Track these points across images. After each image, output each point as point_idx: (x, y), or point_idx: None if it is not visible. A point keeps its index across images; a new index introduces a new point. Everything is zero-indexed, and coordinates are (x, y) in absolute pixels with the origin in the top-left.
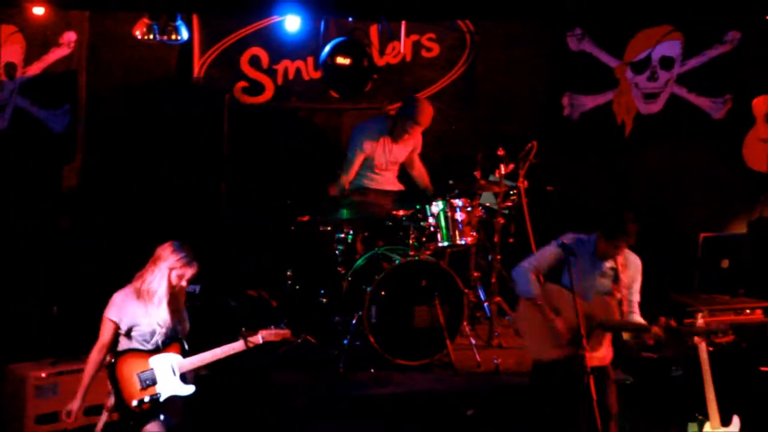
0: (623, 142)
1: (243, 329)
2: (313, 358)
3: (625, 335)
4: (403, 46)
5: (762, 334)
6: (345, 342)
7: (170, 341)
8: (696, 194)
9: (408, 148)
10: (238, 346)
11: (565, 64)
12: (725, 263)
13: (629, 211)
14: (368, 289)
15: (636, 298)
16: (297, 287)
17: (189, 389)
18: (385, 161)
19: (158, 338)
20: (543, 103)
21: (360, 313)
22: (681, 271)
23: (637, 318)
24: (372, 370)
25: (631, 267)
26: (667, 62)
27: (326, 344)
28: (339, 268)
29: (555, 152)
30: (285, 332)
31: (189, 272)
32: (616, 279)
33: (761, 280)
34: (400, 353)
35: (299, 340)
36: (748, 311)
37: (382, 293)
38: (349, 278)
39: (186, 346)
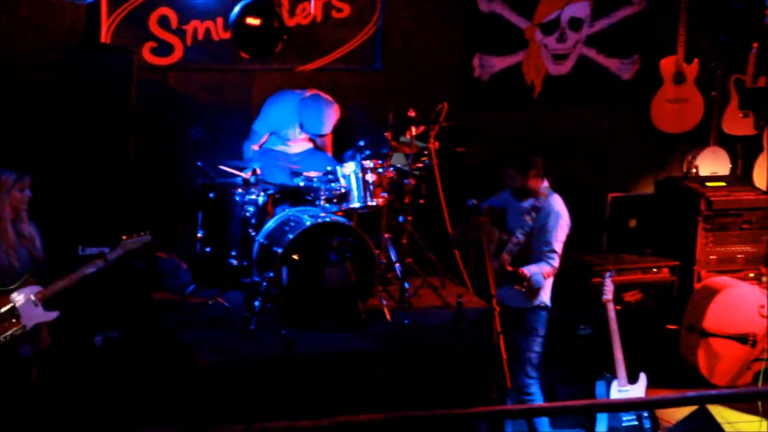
0: (533, 103)
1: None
2: (224, 319)
3: None
4: (313, 6)
5: (668, 293)
6: (256, 304)
7: (25, 272)
8: (604, 154)
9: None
10: (98, 263)
11: (475, 26)
12: (633, 223)
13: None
14: (279, 250)
15: (546, 246)
16: (208, 249)
17: (52, 315)
18: (295, 137)
19: (14, 270)
20: (453, 65)
21: (271, 274)
22: (590, 231)
23: (538, 267)
24: (283, 332)
25: (543, 213)
26: (576, 23)
27: (237, 306)
28: (250, 230)
29: (466, 113)
30: (146, 238)
31: (26, 191)
32: (522, 220)
33: (668, 240)
34: (311, 314)
35: (209, 302)
36: (654, 270)
37: (293, 255)
38: (260, 240)
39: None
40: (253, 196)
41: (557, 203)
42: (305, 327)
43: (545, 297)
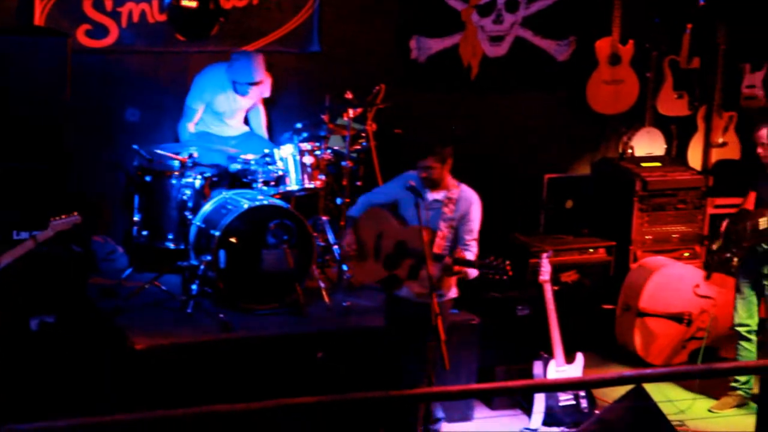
0: (469, 85)
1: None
2: (161, 304)
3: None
4: None
5: (605, 273)
6: (193, 287)
7: None
8: (541, 136)
9: (255, 95)
10: (27, 244)
11: (411, 7)
12: (569, 204)
13: (442, 139)
14: (216, 234)
15: (470, 235)
16: (144, 233)
17: None
18: (229, 109)
19: None
20: (390, 47)
21: (208, 258)
22: (527, 213)
23: (468, 255)
24: (221, 315)
25: (462, 202)
26: (512, 5)
27: (174, 290)
28: (187, 214)
29: (403, 95)
30: (75, 219)
31: None
32: (438, 212)
33: (604, 220)
34: (249, 297)
35: (146, 286)
36: (591, 250)
37: (231, 238)
38: (198, 223)
39: None
40: (190, 180)
41: (471, 191)
42: (243, 310)
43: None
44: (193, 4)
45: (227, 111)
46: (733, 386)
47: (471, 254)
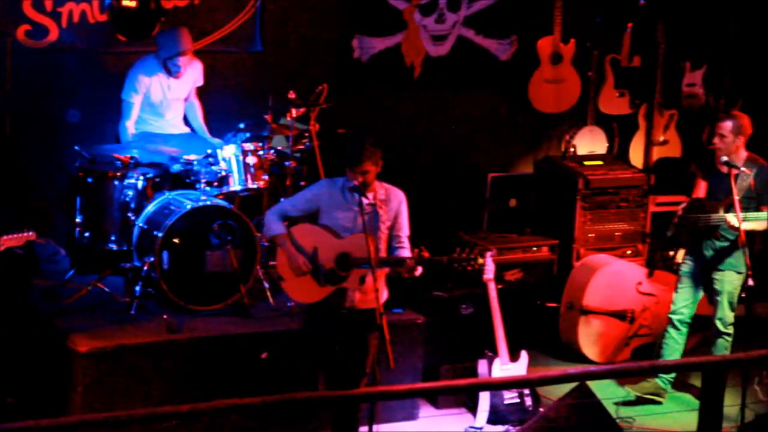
0: (412, 84)
1: None
2: (104, 305)
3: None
4: None
5: (548, 271)
6: (137, 289)
7: None
8: (484, 135)
9: (188, 81)
10: None
11: (354, 6)
12: (513, 202)
13: (370, 136)
14: (160, 234)
15: (403, 233)
16: (86, 234)
17: None
18: (164, 99)
19: None
20: (333, 46)
21: (152, 259)
22: (471, 212)
23: (405, 253)
24: (165, 316)
25: (393, 201)
26: (454, 4)
27: (118, 291)
28: (130, 215)
29: (346, 95)
30: (29, 235)
31: None
32: (375, 216)
33: (547, 219)
34: (193, 298)
35: (89, 288)
36: (534, 249)
37: (174, 239)
38: (140, 224)
39: None
40: (132, 180)
41: (396, 189)
42: (187, 311)
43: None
44: (133, 4)
45: (163, 102)
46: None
47: (407, 252)
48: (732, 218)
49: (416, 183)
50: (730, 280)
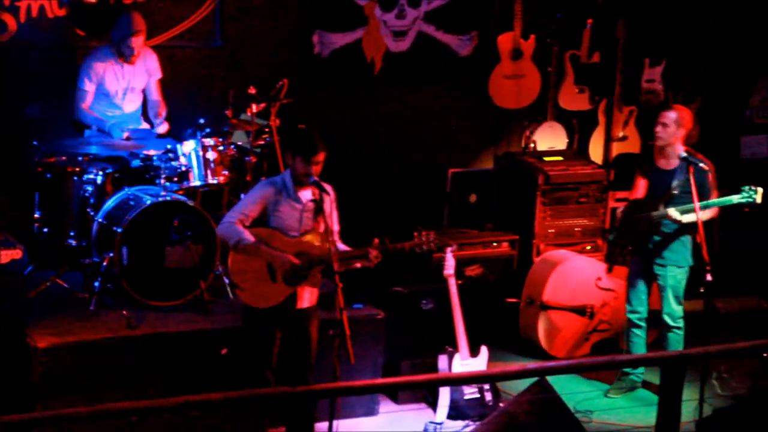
0: (373, 80)
1: None
2: (64, 301)
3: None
4: None
5: (508, 266)
6: (96, 284)
7: None
8: (444, 130)
9: (142, 70)
10: None
11: (314, 2)
12: (473, 198)
13: (313, 128)
14: (119, 230)
15: (337, 227)
16: (45, 230)
17: None
18: (120, 87)
19: None
20: (293, 41)
21: (111, 255)
22: (431, 207)
23: (345, 247)
24: (124, 312)
25: (329, 195)
26: (414, 0)
27: (77, 287)
28: (89, 210)
29: (306, 90)
30: (15, 254)
31: None
32: (318, 210)
33: (508, 214)
34: (153, 294)
35: (48, 283)
36: (495, 244)
37: (133, 234)
38: (100, 220)
39: None
40: (92, 176)
41: (326, 183)
42: (147, 307)
43: None
44: (93, 0)
45: (119, 91)
46: (626, 371)
47: (342, 246)
48: (673, 212)
49: (376, 178)
50: (672, 274)
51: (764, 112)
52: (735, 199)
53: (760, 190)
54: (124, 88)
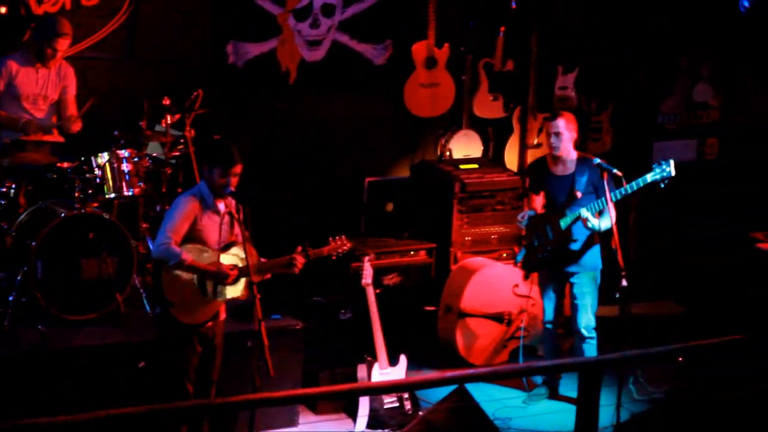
0: (288, 89)
1: None
2: None
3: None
4: None
5: (426, 275)
6: (10, 299)
7: None
8: (361, 139)
9: (57, 79)
10: None
11: (227, 12)
12: (390, 207)
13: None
14: (33, 243)
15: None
16: None
17: None
18: (32, 92)
19: None
20: (207, 51)
21: (25, 268)
22: (348, 216)
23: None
24: (39, 326)
25: (242, 209)
26: (328, 9)
27: None
28: (2, 223)
29: (221, 100)
30: None
31: None
32: (233, 224)
33: (424, 223)
34: (68, 308)
35: None
36: (412, 253)
37: (48, 248)
38: (13, 233)
39: None
40: (4, 189)
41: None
42: (63, 321)
43: None
44: (3, 10)
45: (30, 95)
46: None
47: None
48: (585, 212)
49: (292, 188)
50: (586, 281)
51: (676, 119)
52: (649, 177)
53: (671, 161)
54: (36, 93)
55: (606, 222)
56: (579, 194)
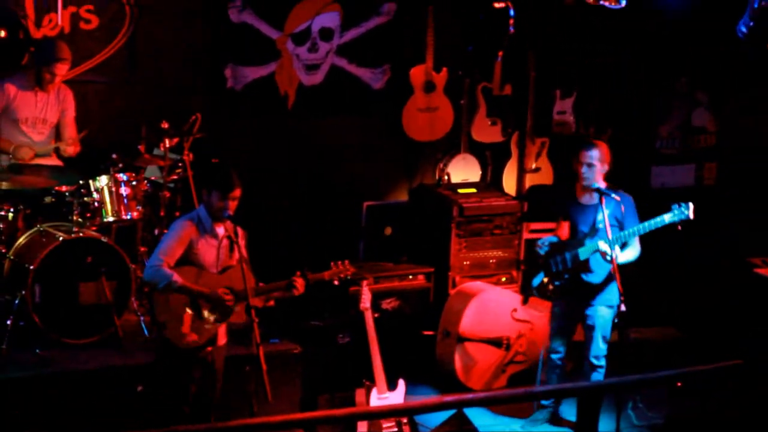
0: (287, 113)
1: None
2: None
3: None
4: (60, 17)
5: (425, 299)
6: (8, 323)
7: None
8: (359, 164)
9: (56, 103)
10: None
11: (226, 36)
12: (388, 231)
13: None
14: (31, 267)
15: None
16: None
17: None
18: (31, 115)
19: None
20: (206, 75)
21: (23, 292)
22: (346, 241)
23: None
24: (37, 350)
25: (238, 232)
26: (326, 33)
27: None
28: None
29: (220, 124)
30: None
31: None
32: (232, 247)
33: (423, 247)
34: (66, 332)
35: None
36: (410, 277)
37: (46, 271)
38: (11, 257)
39: None
40: (2, 212)
41: None
42: (61, 345)
43: None
44: (2, 34)
45: (28, 118)
46: (543, 403)
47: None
48: (603, 244)
49: (291, 212)
50: (602, 314)
51: (673, 143)
52: (667, 218)
53: (691, 205)
54: (35, 117)
55: (626, 256)
56: (600, 225)
